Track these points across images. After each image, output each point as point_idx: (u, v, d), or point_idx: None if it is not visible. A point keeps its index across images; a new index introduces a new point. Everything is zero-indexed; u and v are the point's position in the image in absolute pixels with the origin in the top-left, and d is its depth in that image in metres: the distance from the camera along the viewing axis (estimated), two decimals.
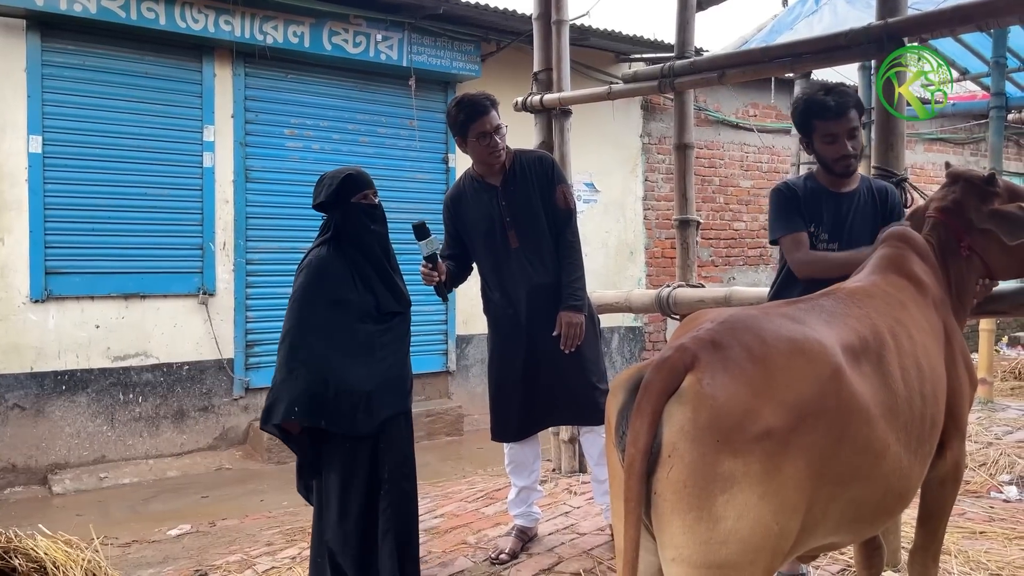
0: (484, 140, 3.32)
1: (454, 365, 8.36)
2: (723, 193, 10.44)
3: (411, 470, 3.08)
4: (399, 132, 8.00)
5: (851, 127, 2.79)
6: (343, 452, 2.93)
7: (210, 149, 7.03)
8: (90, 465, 6.48)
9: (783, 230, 2.86)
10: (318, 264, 2.98)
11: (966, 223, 2.40)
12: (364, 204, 3.01)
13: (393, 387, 3.00)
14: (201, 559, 4.09)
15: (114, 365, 6.65)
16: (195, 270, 7.01)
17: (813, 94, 2.84)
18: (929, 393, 1.93)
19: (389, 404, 2.97)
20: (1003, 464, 4.73)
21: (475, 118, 3.30)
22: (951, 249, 2.39)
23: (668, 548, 1.57)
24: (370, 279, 3.00)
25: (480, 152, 3.36)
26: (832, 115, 2.77)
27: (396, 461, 3.00)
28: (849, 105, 2.77)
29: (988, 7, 3.07)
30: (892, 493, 1.83)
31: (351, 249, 3.00)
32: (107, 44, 6.59)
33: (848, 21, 5.62)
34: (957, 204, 2.43)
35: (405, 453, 3.06)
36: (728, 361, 1.59)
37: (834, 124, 2.78)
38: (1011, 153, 13.39)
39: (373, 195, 3.05)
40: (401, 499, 3.00)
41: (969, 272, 2.42)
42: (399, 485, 2.99)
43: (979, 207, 2.40)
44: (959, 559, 3.27)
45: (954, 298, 2.36)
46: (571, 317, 3.35)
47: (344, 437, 2.91)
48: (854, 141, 2.81)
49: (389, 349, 2.99)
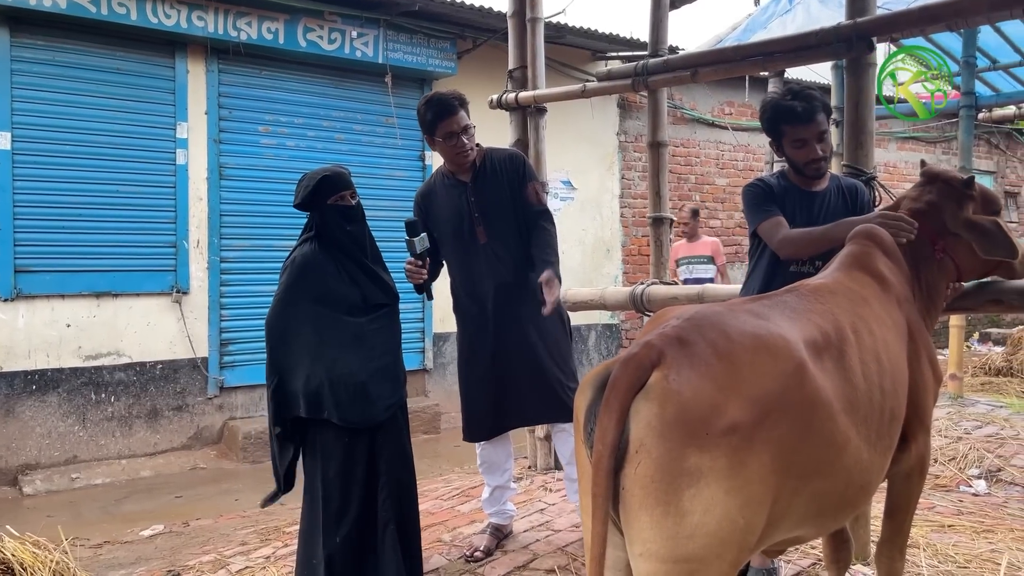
0: (451, 140, 3.32)
1: (431, 363, 8.35)
2: (699, 191, 10.51)
3: (409, 461, 3.09)
4: (375, 129, 7.97)
5: (820, 131, 2.81)
6: (342, 445, 2.92)
7: (183, 146, 6.97)
8: (61, 466, 6.40)
9: (761, 217, 2.88)
10: (302, 261, 2.99)
11: (940, 226, 2.43)
12: (340, 205, 3.00)
13: (388, 377, 3.01)
14: (174, 559, 4.06)
15: (86, 364, 6.58)
16: (168, 268, 6.95)
17: (781, 99, 2.86)
18: (889, 387, 1.96)
19: (386, 395, 2.98)
20: (972, 458, 4.79)
21: (443, 117, 3.29)
22: (923, 251, 2.41)
23: (636, 543, 1.58)
24: (354, 274, 3.01)
25: (447, 151, 3.37)
26: (801, 120, 2.79)
27: (393, 452, 3.00)
28: (817, 109, 2.79)
29: (956, 7, 3.10)
30: (854, 486, 1.85)
31: (333, 247, 3.00)
32: (78, 39, 6.51)
33: (821, 20, 5.66)
34: (932, 206, 2.46)
35: (402, 444, 3.06)
36: (694, 357, 1.60)
37: (803, 129, 2.80)
38: (981, 152, 13.58)
39: (351, 196, 3.04)
40: (400, 490, 3.00)
41: (941, 274, 2.45)
42: (397, 476, 3.00)
43: (955, 211, 2.43)
44: (928, 552, 3.31)
45: (924, 298, 2.39)
46: (547, 275, 3.17)
47: (343, 430, 2.90)
48: (823, 144, 2.83)
49: (380, 340, 3.00)
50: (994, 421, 5.58)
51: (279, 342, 2.97)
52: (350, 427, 2.90)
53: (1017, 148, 14.41)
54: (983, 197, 2.49)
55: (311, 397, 2.88)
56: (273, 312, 3.00)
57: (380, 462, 2.97)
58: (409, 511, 3.06)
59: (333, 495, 2.91)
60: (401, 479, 3.02)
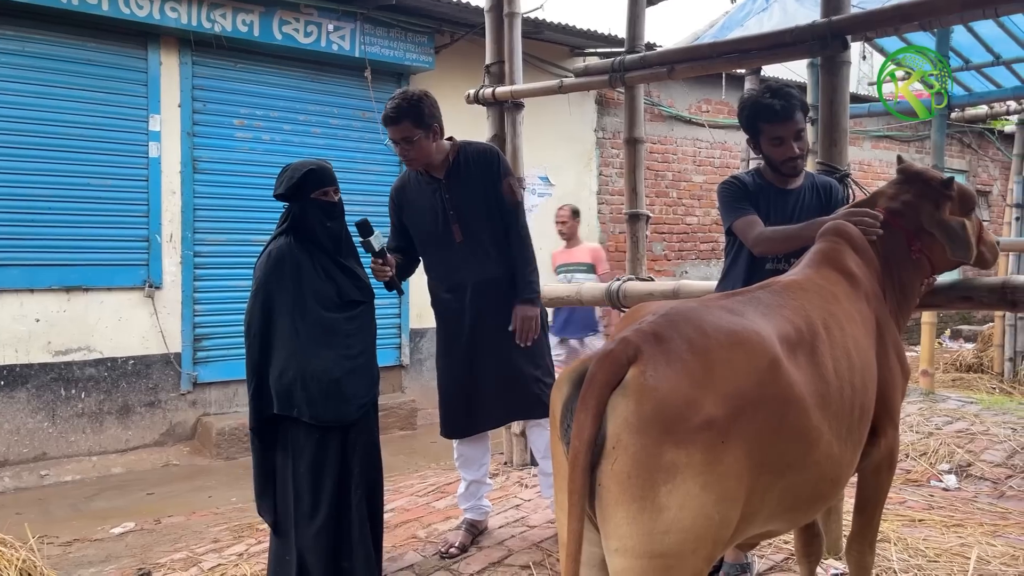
0: (396, 146, 3.35)
1: (407, 359, 8.32)
2: (676, 188, 10.55)
3: (379, 460, 3.09)
4: (351, 123, 7.92)
5: (797, 129, 2.83)
6: (313, 442, 2.90)
7: (156, 139, 6.87)
8: (30, 462, 6.30)
9: (735, 215, 2.90)
10: (278, 254, 2.96)
11: (917, 226, 2.44)
12: (323, 201, 2.98)
13: (364, 376, 3.00)
14: (145, 557, 4.01)
15: (55, 360, 6.48)
16: (140, 262, 6.85)
17: (759, 97, 2.87)
18: (859, 383, 1.97)
19: (361, 393, 2.97)
20: (943, 454, 4.86)
21: (385, 124, 3.32)
22: (898, 250, 2.42)
23: (612, 539, 1.58)
24: (329, 269, 2.99)
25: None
26: (779, 118, 2.81)
27: (366, 450, 3.00)
28: (795, 108, 2.81)
29: (929, 6, 3.13)
30: (825, 480, 1.87)
31: (309, 241, 2.98)
32: (48, 30, 6.39)
33: (797, 18, 5.69)
34: (909, 206, 2.47)
35: (373, 442, 3.06)
36: (670, 353, 1.60)
37: (780, 127, 2.82)
38: (954, 151, 13.76)
39: (334, 192, 3.02)
40: (372, 489, 3.00)
41: (916, 272, 2.47)
42: (369, 475, 2.99)
43: (932, 211, 2.45)
44: (898, 546, 3.35)
45: (897, 295, 2.40)
46: (526, 311, 3.36)
47: (314, 427, 2.88)
48: (800, 142, 2.85)
49: (356, 337, 2.99)
50: (964, 417, 5.65)
51: (255, 337, 2.95)
52: (321, 425, 2.88)
53: (989, 147, 14.62)
54: (960, 196, 2.51)
55: (283, 393, 2.86)
56: (250, 306, 2.97)
57: (353, 460, 2.95)
58: (379, 509, 3.06)
59: (304, 492, 2.89)
60: (373, 478, 3.02)
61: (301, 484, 2.89)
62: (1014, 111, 8.69)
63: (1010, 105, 8.53)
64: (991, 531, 3.60)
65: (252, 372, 2.94)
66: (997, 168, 14.90)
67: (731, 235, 2.97)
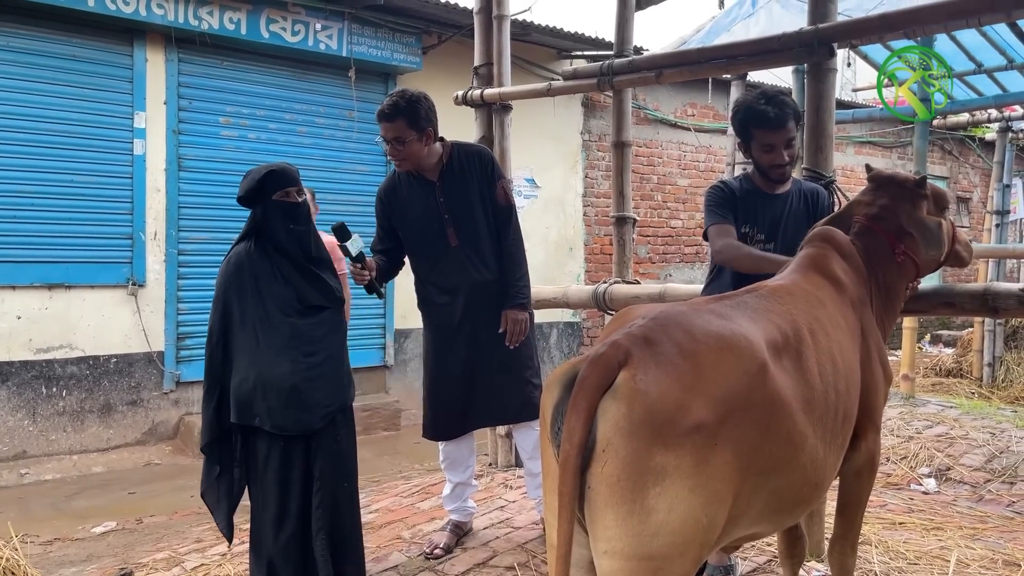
0: (385, 144, 3.33)
1: (392, 360, 8.31)
2: (661, 191, 10.60)
3: (347, 468, 3.01)
4: (338, 123, 7.90)
5: (789, 137, 2.85)
6: (278, 450, 2.87)
7: (141, 136, 6.83)
8: (10, 461, 6.24)
9: (711, 220, 2.93)
10: (236, 261, 2.92)
11: (898, 229, 2.48)
12: (285, 202, 2.94)
13: (328, 383, 2.94)
14: (127, 557, 3.98)
15: (37, 357, 6.42)
16: (124, 260, 6.81)
17: (754, 102, 2.89)
18: (843, 388, 2.00)
19: (324, 401, 2.92)
20: (923, 457, 4.91)
21: (379, 120, 3.30)
22: (881, 254, 2.45)
23: (601, 541, 1.59)
24: (289, 273, 2.93)
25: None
26: (771, 125, 2.83)
27: (329, 459, 2.94)
28: (788, 116, 2.83)
29: (913, 15, 3.18)
30: (809, 483, 1.89)
31: (269, 246, 2.94)
32: (33, 25, 6.34)
33: (783, 25, 5.74)
34: (887, 210, 2.50)
35: (340, 450, 2.98)
36: (660, 357, 1.62)
37: (772, 134, 2.84)
38: (935, 157, 13.90)
39: (297, 193, 2.97)
40: (335, 498, 2.95)
41: (901, 276, 2.50)
42: (331, 484, 2.94)
43: (910, 212, 2.48)
44: (879, 549, 3.38)
45: (883, 299, 2.43)
46: (517, 315, 3.38)
47: (276, 436, 2.85)
48: (790, 150, 2.88)
49: (321, 344, 2.93)
50: (944, 421, 5.72)
51: (216, 346, 2.92)
52: (283, 434, 2.85)
53: (969, 154, 14.79)
54: (934, 196, 2.55)
55: (244, 402, 2.83)
56: (211, 315, 2.96)
57: (315, 469, 2.92)
58: (347, 519, 2.98)
59: (271, 501, 2.86)
60: (337, 487, 2.95)
61: (267, 495, 2.87)
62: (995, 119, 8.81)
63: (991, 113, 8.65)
64: (970, 534, 3.65)
65: (212, 382, 2.92)
66: (978, 175, 15.07)
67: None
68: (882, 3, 5.19)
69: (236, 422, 2.85)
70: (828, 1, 3.34)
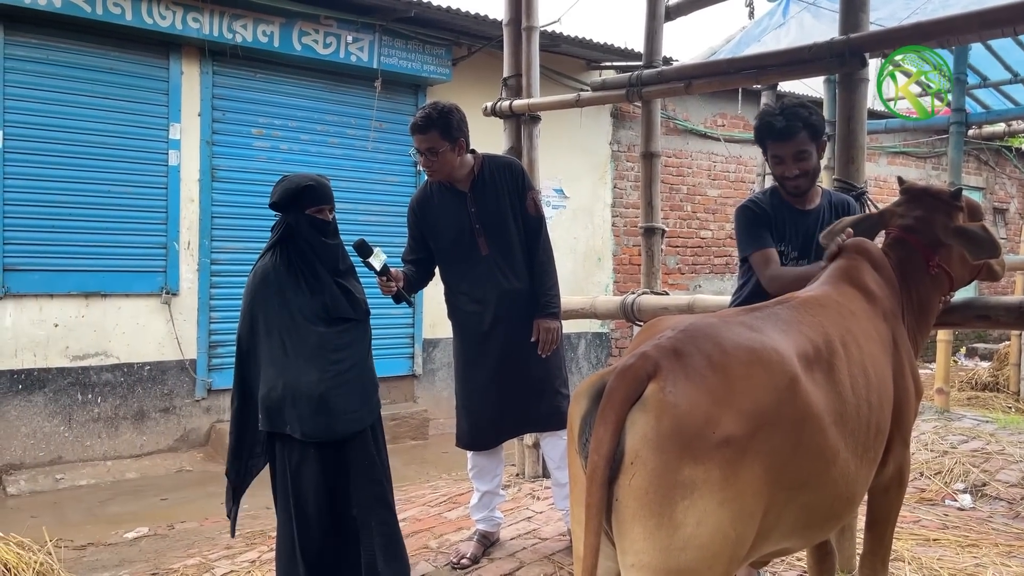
0: (419, 155, 3.38)
1: (420, 369, 8.34)
2: (690, 201, 10.55)
3: (381, 473, 3.05)
4: (368, 134, 7.97)
5: (798, 150, 2.79)
6: (309, 459, 2.90)
7: (176, 147, 6.95)
8: (46, 466, 6.35)
9: (753, 247, 2.90)
10: (262, 273, 2.96)
11: (933, 240, 2.45)
12: (317, 218, 2.97)
13: (355, 391, 2.97)
14: (158, 562, 4.03)
15: (73, 364, 6.54)
16: (158, 269, 6.92)
17: (767, 113, 2.88)
18: (875, 401, 1.98)
19: (352, 408, 2.95)
20: (958, 473, 4.82)
21: (412, 132, 3.35)
22: (915, 266, 2.42)
23: (628, 554, 1.58)
24: (315, 285, 2.95)
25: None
26: (778, 137, 2.80)
27: (362, 467, 2.97)
28: (797, 129, 2.77)
29: (947, 24, 3.14)
30: (841, 498, 1.87)
31: (296, 256, 2.97)
32: (72, 39, 6.48)
33: (814, 35, 5.71)
34: (922, 222, 2.47)
35: (373, 457, 3.03)
36: (689, 369, 1.61)
37: (780, 146, 2.81)
38: (971, 168, 13.70)
39: (329, 211, 3.01)
40: (373, 504, 2.98)
41: (935, 288, 2.47)
42: (369, 489, 2.97)
43: (946, 223, 2.45)
44: (913, 566, 3.33)
45: (916, 312, 2.41)
46: (549, 324, 3.41)
47: (307, 444, 2.88)
48: (802, 163, 2.81)
49: (347, 352, 2.95)
50: (980, 436, 5.61)
51: (246, 355, 2.97)
52: (313, 441, 2.88)
53: (1006, 165, 14.55)
54: (969, 208, 2.53)
55: (273, 410, 2.86)
56: (239, 327, 3.00)
57: (349, 477, 2.95)
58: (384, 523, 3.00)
59: (303, 508, 2.89)
60: (376, 493, 2.99)
61: (300, 502, 2.90)
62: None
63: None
64: (1006, 551, 3.58)
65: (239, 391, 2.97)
66: (1014, 186, 14.83)
67: (746, 262, 2.97)
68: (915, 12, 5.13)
69: (266, 430, 2.88)
70: (860, 11, 3.32)
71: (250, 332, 2.96)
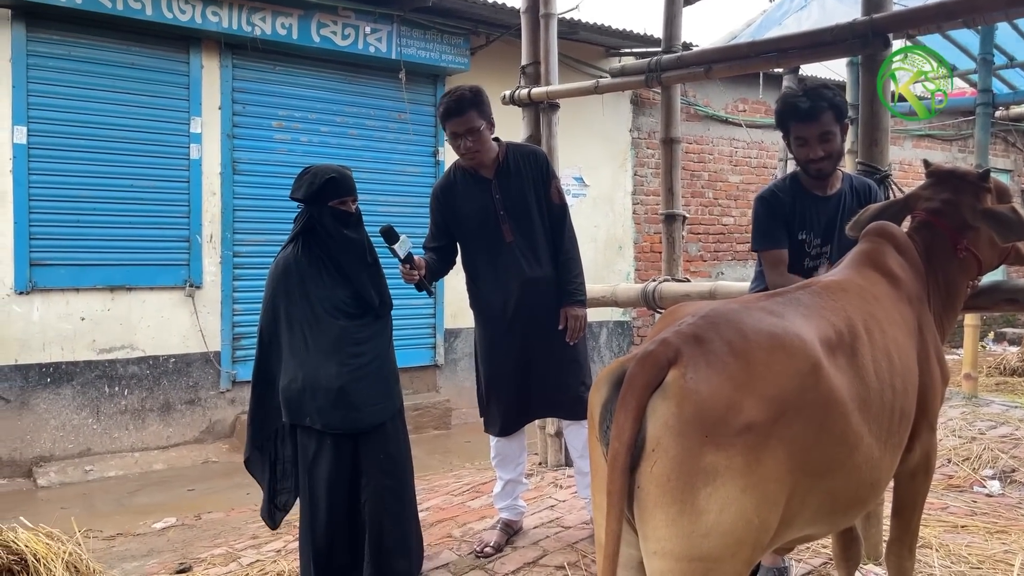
0: (455, 140, 3.34)
1: (442, 359, 8.36)
2: (712, 188, 10.47)
3: (395, 466, 3.06)
4: (388, 125, 7.97)
5: (823, 131, 2.75)
6: (327, 449, 2.92)
7: (197, 141, 7.00)
8: (75, 458, 6.45)
9: (765, 245, 2.88)
10: (284, 265, 2.97)
11: (960, 223, 2.40)
12: (340, 210, 2.97)
13: (375, 383, 2.98)
14: (186, 552, 4.08)
15: (99, 358, 6.62)
16: (182, 262, 6.98)
17: (790, 95, 2.84)
18: (899, 386, 1.95)
19: (372, 401, 2.96)
20: (986, 459, 4.76)
21: (448, 117, 3.31)
22: (942, 250, 2.38)
23: (651, 541, 1.57)
24: (337, 277, 2.96)
25: (455, 149, 3.39)
26: (802, 118, 2.75)
27: (377, 459, 2.98)
28: (822, 109, 2.73)
29: (973, 3, 3.08)
30: (865, 484, 1.85)
31: (318, 248, 2.97)
32: (93, 34, 6.54)
33: (836, 16, 5.61)
34: (950, 204, 2.42)
35: (387, 450, 3.03)
36: (711, 355, 1.59)
37: (804, 127, 2.76)
38: (998, 149, 13.47)
39: (352, 202, 3.01)
40: (383, 495, 2.99)
41: (962, 272, 2.42)
42: (379, 481, 2.98)
43: (974, 206, 2.41)
44: (940, 552, 3.29)
45: (943, 296, 2.37)
46: (576, 311, 3.41)
47: (326, 434, 2.90)
48: (827, 145, 2.77)
49: (367, 345, 2.97)
50: (1009, 421, 5.54)
51: (267, 345, 2.98)
52: (333, 432, 2.89)
53: None
54: (997, 190, 2.47)
55: (294, 401, 2.88)
56: (260, 319, 3.02)
57: (364, 468, 2.96)
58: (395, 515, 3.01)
59: (320, 497, 2.91)
60: (385, 484, 2.99)
61: (316, 491, 2.91)
62: None
63: None
64: None
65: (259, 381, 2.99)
66: None
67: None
68: None
69: (287, 421, 2.91)
70: None
71: (272, 322, 2.98)
